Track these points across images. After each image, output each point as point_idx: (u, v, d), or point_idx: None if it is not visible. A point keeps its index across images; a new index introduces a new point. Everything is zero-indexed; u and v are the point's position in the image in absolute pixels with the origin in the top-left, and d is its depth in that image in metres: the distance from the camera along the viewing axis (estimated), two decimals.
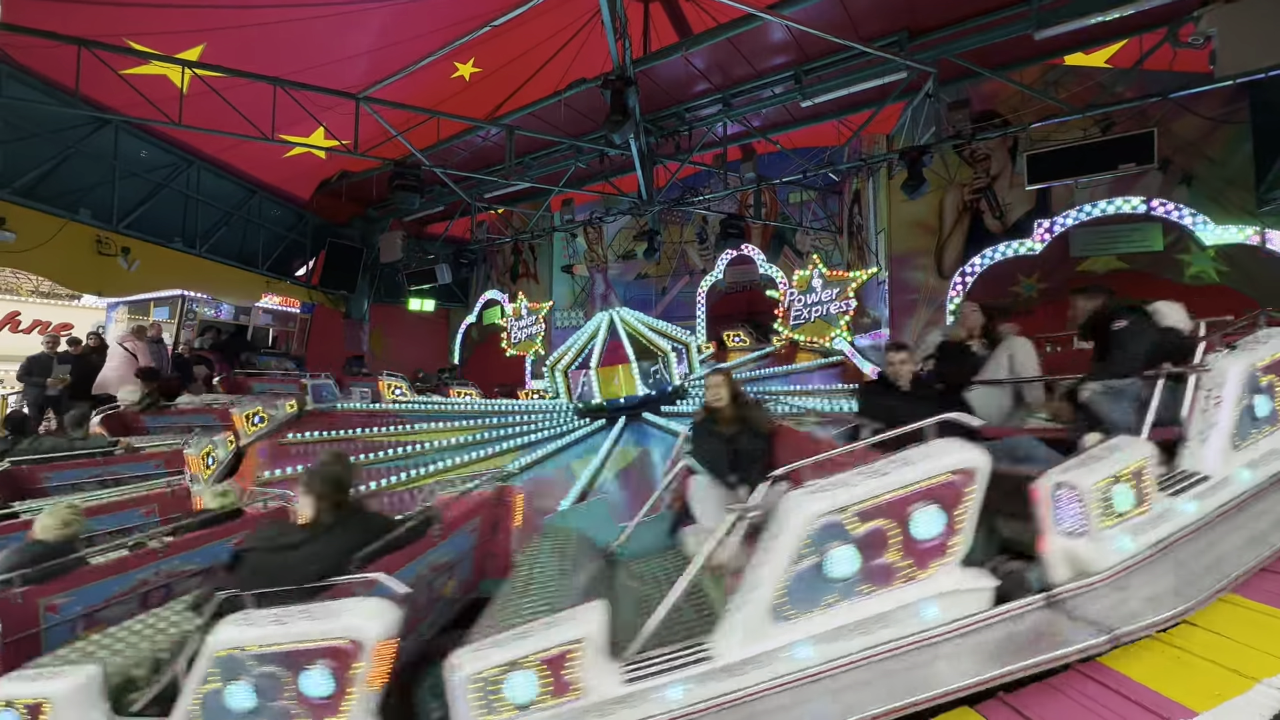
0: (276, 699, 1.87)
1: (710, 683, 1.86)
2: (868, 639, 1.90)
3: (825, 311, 10.28)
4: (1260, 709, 1.59)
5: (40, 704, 1.99)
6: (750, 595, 1.90)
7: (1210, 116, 7.73)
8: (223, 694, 1.89)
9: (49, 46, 6.56)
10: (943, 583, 1.95)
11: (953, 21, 7.54)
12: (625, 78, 6.78)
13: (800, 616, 1.90)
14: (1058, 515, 2.07)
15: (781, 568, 1.88)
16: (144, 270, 9.53)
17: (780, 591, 1.89)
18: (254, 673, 1.88)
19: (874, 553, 1.91)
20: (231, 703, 1.88)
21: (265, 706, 1.88)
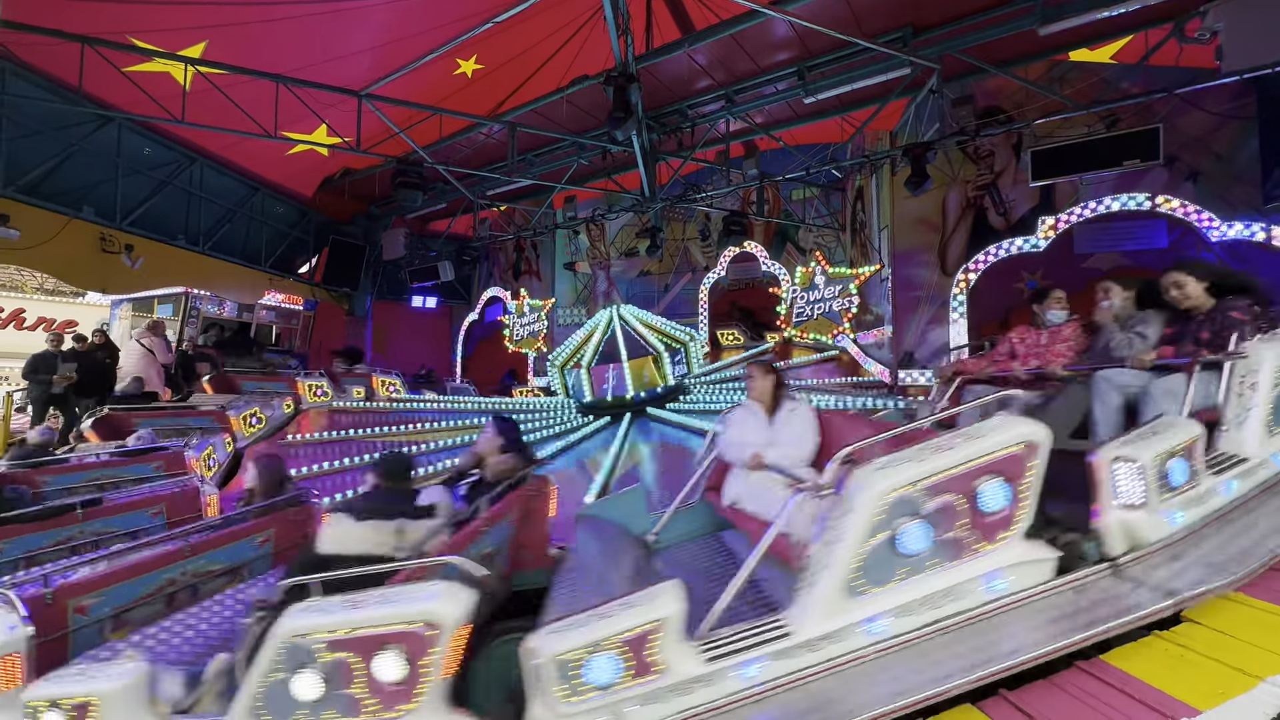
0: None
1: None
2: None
3: (828, 309, 10.27)
4: (1264, 707, 1.59)
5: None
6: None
7: (1216, 112, 7.67)
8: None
9: (52, 44, 6.57)
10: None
11: (957, 17, 7.50)
12: (628, 74, 6.76)
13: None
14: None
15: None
16: (147, 268, 9.55)
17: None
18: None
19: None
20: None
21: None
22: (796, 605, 1.97)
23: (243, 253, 11.57)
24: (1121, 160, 7.34)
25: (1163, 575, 2.01)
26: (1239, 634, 1.85)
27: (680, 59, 8.24)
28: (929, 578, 1.96)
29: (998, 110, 8.68)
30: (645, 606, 1.87)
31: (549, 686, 1.81)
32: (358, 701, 1.85)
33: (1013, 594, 1.98)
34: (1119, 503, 2.15)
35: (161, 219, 9.92)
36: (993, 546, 1.99)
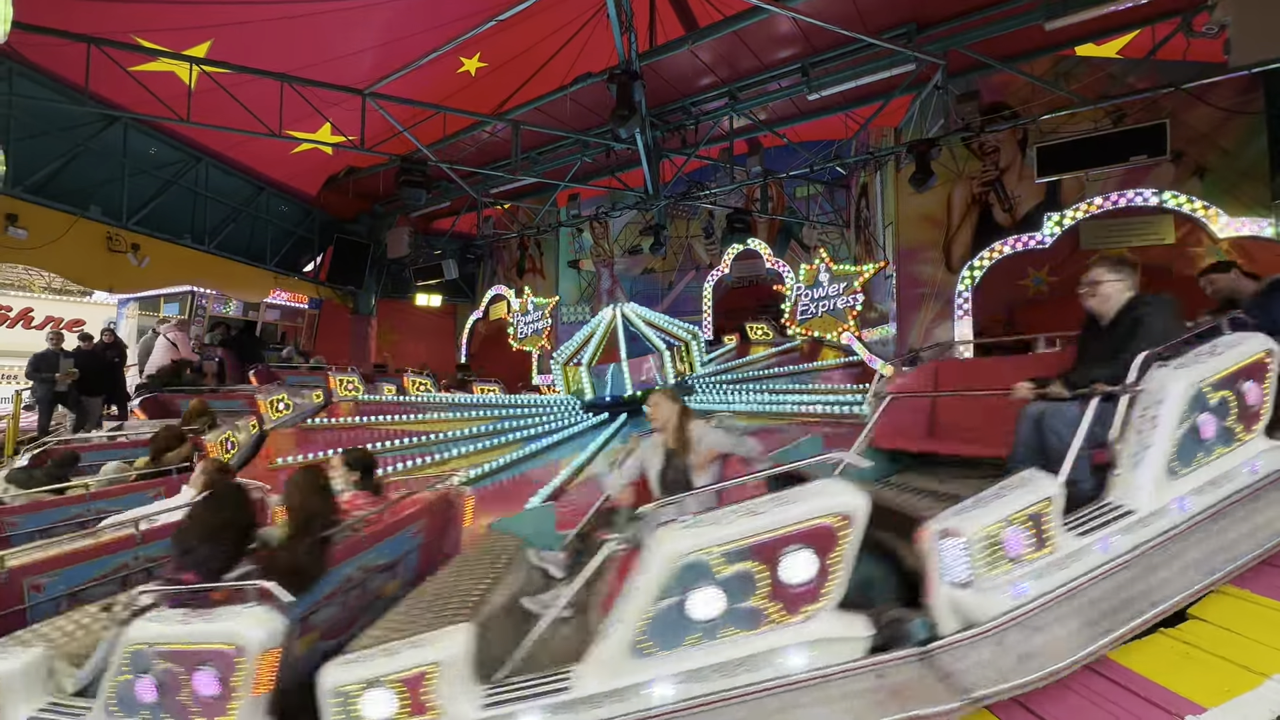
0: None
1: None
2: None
3: (832, 306, 10.24)
4: (1271, 705, 1.59)
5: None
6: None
7: (1224, 107, 7.61)
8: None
9: (59, 44, 6.61)
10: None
11: (962, 12, 7.46)
12: (631, 72, 6.75)
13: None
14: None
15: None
16: (154, 267, 9.61)
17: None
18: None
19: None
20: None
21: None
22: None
23: (248, 251, 11.62)
24: (1128, 156, 7.29)
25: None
26: (1245, 631, 1.85)
27: (684, 56, 8.22)
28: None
29: (1003, 106, 8.63)
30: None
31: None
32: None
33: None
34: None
35: (167, 218, 9.97)
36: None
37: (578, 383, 8.45)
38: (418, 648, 1.87)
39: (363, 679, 1.84)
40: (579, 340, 8.96)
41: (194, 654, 1.93)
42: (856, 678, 1.84)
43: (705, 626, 1.86)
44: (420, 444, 7.30)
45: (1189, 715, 1.60)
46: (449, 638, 1.89)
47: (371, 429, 8.10)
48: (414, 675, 1.83)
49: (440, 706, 1.83)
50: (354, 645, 2.04)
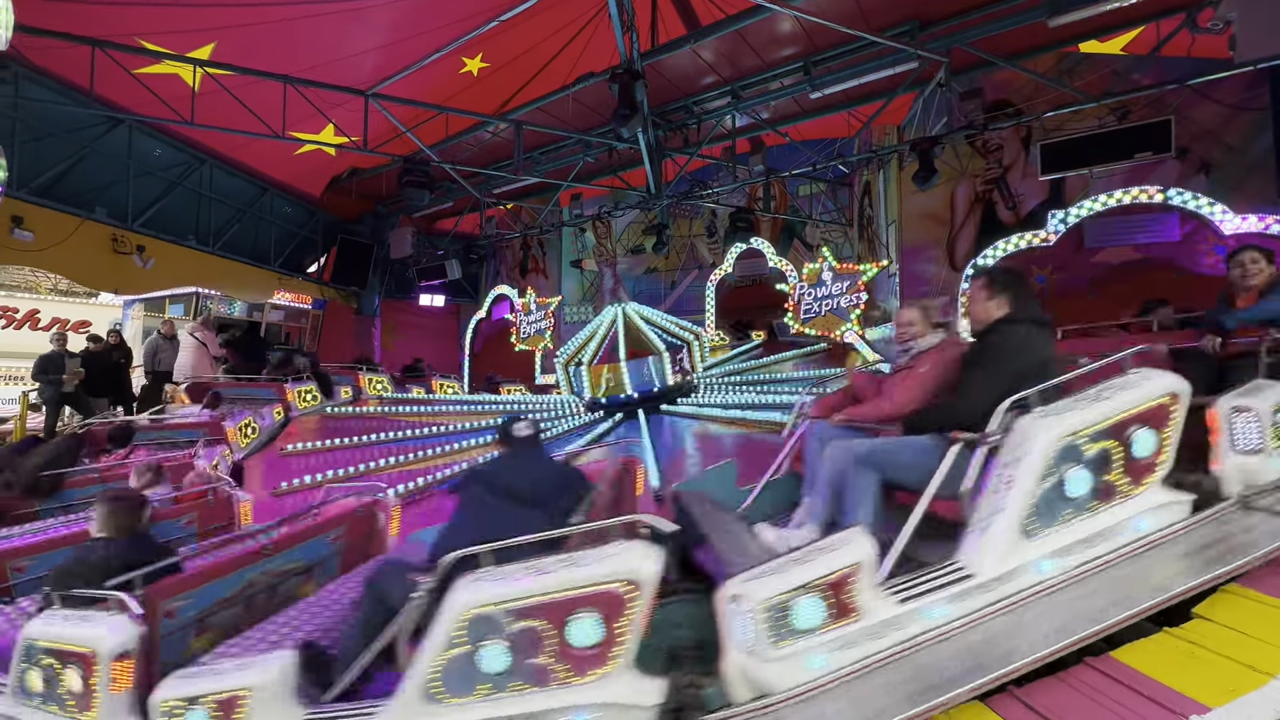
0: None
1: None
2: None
3: (836, 305, 10.20)
4: (1275, 704, 1.58)
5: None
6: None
7: (1230, 103, 7.57)
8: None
9: (63, 47, 6.65)
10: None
11: (964, 10, 7.43)
12: (633, 71, 6.75)
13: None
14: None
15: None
16: (159, 268, 9.66)
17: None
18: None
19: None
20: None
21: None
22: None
23: (252, 252, 11.66)
24: (1133, 153, 7.26)
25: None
26: (1250, 630, 1.83)
27: (686, 55, 8.22)
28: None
29: (1006, 103, 8.60)
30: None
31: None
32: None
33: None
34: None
35: (172, 220, 10.02)
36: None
37: (600, 382, 8.32)
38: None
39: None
40: (582, 340, 8.96)
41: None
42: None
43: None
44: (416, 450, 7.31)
45: (1193, 714, 1.58)
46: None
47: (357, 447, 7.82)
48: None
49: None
50: None
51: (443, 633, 1.83)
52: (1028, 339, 2.29)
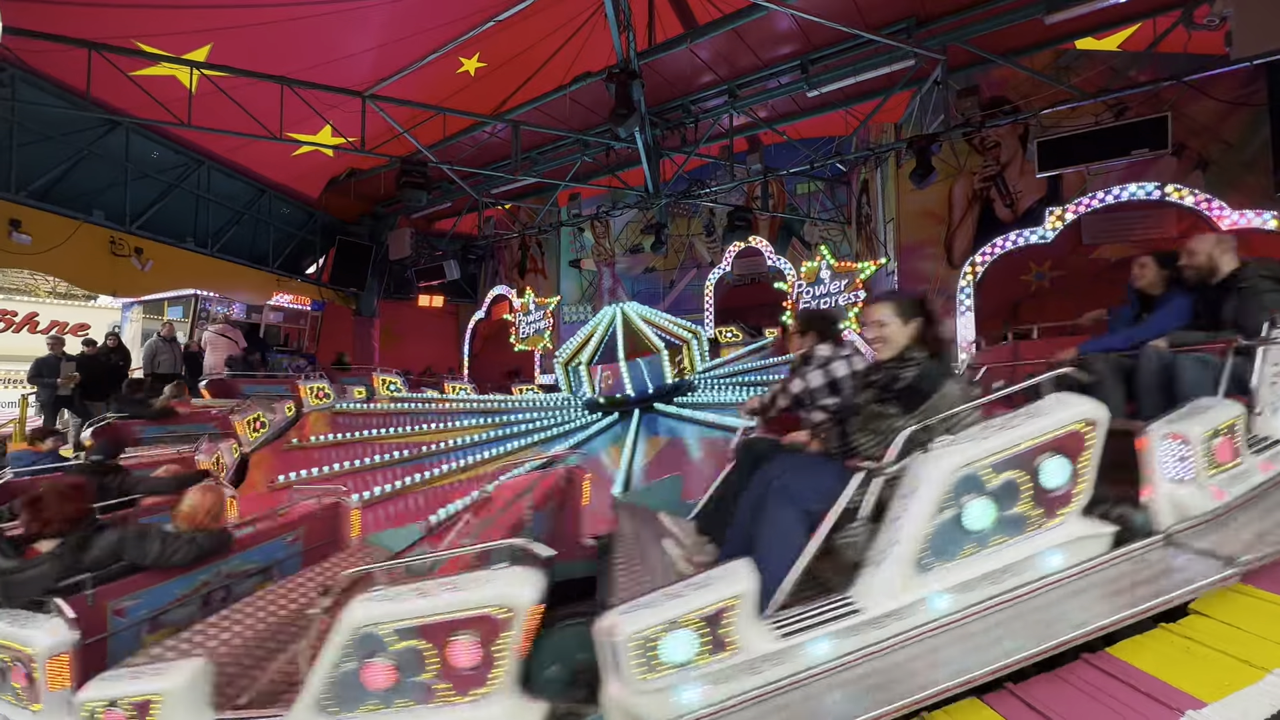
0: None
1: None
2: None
3: (834, 303, 10.22)
4: (1272, 699, 1.58)
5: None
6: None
7: (1226, 99, 7.58)
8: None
9: (60, 50, 6.64)
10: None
11: (961, 7, 7.44)
12: (630, 71, 6.75)
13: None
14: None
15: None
16: (157, 270, 9.66)
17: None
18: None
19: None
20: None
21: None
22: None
23: (250, 254, 11.66)
24: (1130, 149, 7.26)
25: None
26: (1246, 626, 1.84)
27: (683, 54, 8.22)
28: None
29: (1004, 101, 8.60)
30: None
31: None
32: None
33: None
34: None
35: (170, 222, 10.02)
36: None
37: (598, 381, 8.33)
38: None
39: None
40: (581, 340, 8.97)
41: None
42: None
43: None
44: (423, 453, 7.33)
45: (1189, 710, 1.59)
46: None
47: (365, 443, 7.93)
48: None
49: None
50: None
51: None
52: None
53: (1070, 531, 2.01)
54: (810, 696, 1.81)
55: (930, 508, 1.91)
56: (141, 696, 1.95)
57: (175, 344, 9.90)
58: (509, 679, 1.87)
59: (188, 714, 1.96)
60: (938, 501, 1.92)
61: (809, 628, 1.89)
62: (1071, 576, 1.98)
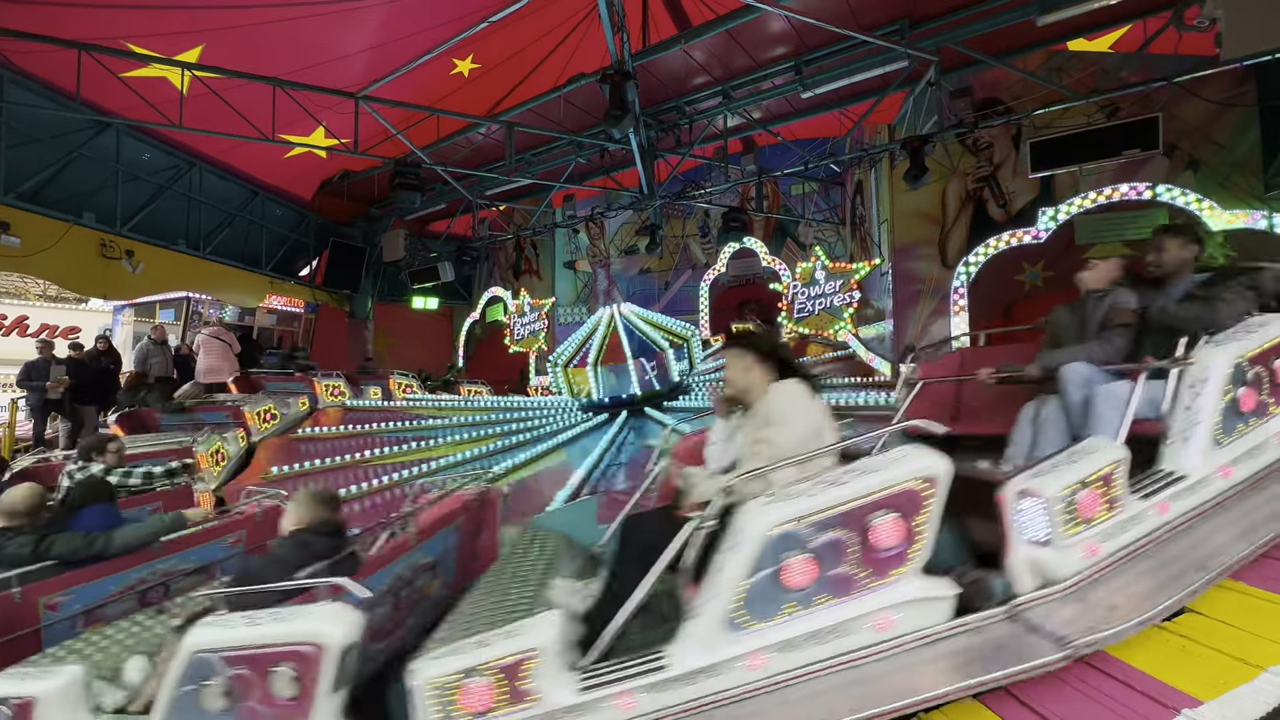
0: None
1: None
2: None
3: (829, 304, 10.24)
4: (1266, 697, 1.59)
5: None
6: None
7: (1217, 100, 7.63)
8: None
9: (49, 51, 6.58)
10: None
11: (954, 9, 7.47)
12: (624, 72, 6.75)
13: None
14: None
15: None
16: (148, 273, 9.58)
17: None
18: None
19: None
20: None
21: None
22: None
23: (243, 256, 11.59)
24: (1121, 150, 7.29)
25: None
26: (1240, 624, 1.85)
27: (677, 55, 8.22)
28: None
29: (996, 102, 8.64)
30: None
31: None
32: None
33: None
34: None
35: (162, 224, 9.94)
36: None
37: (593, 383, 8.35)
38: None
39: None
40: (576, 341, 8.95)
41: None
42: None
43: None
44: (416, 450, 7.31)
45: (1185, 709, 1.59)
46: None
47: (361, 437, 8.19)
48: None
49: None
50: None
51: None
52: None
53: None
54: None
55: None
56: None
57: (166, 347, 9.84)
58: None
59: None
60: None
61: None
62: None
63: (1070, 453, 2.13)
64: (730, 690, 1.84)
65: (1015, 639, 1.84)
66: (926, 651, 1.86)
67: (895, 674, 1.81)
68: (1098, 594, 1.93)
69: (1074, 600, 1.92)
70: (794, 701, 1.80)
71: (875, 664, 1.85)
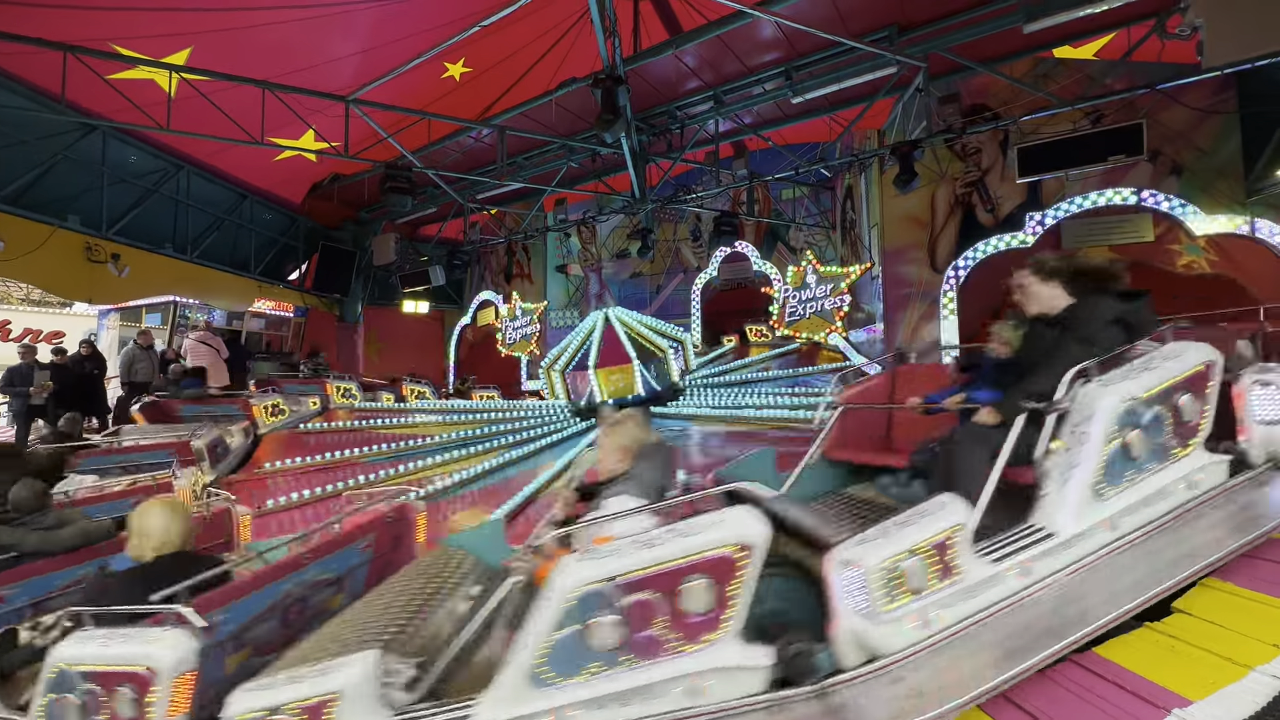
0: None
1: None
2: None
3: (820, 308, 10.29)
4: (1254, 695, 1.61)
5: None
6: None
7: (1199, 107, 7.76)
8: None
9: (34, 53, 6.50)
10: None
11: (942, 15, 7.55)
12: (615, 76, 6.76)
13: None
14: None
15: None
16: (134, 277, 9.47)
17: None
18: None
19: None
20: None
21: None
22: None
23: (231, 260, 11.49)
24: (1106, 156, 7.40)
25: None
26: (1228, 624, 1.87)
27: (668, 60, 8.25)
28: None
29: (984, 107, 8.74)
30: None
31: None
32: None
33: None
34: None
35: (148, 227, 9.83)
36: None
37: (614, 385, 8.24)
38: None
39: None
40: (568, 346, 8.92)
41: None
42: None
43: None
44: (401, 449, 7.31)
45: (1175, 708, 1.61)
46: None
47: (363, 432, 8.29)
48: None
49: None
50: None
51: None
52: None
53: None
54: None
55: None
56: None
57: (152, 351, 9.72)
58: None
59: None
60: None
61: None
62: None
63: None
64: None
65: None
66: None
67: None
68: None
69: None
70: None
71: None
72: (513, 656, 1.81)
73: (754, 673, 1.83)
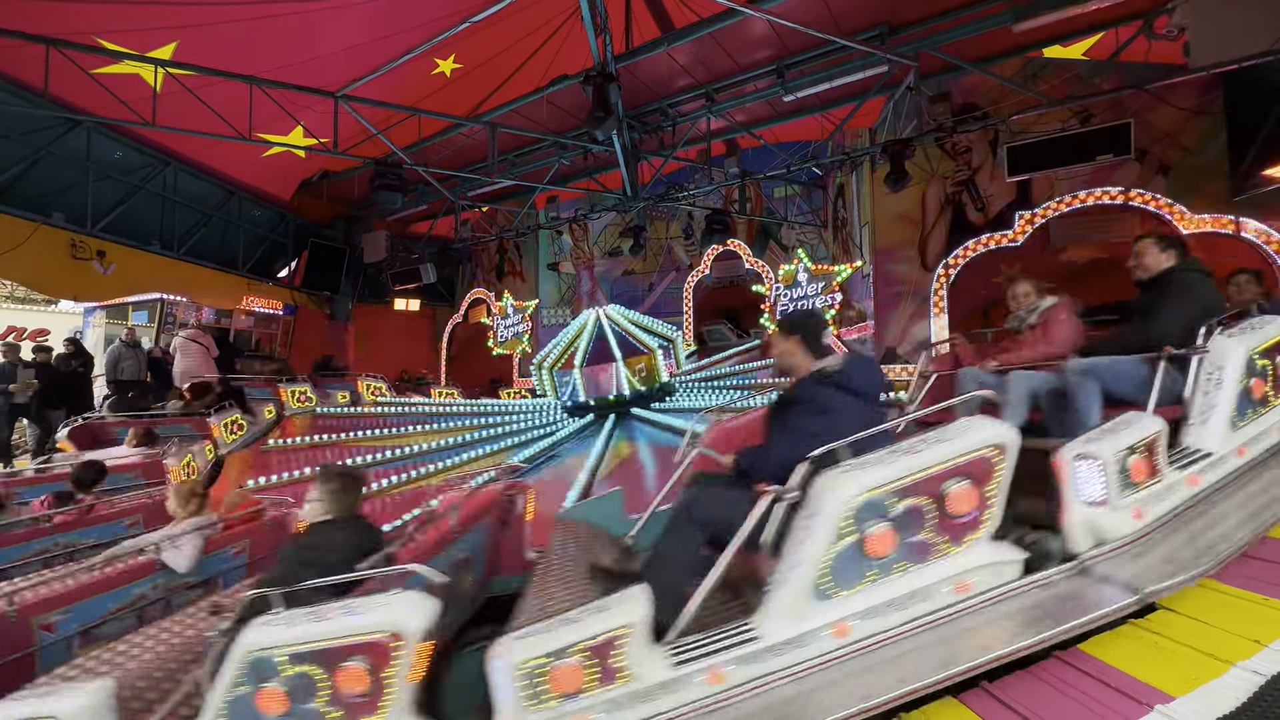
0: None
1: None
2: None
3: (811, 305, 10.31)
4: (1236, 691, 1.62)
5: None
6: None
7: (1185, 108, 7.83)
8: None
9: (15, 46, 6.40)
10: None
11: (933, 15, 7.58)
12: (607, 74, 6.74)
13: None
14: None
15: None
16: (121, 274, 9.35)
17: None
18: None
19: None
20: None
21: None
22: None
23: (219, 258, 11.37)
24: (1095, 155, 7.46)
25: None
26: (1211, 620, 1.88)
27: (660, 58, 8.23)
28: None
29: (974, 107, 8.78)
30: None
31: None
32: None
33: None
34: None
35: (135, 224, 9.71)
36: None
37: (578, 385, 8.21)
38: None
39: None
40: (560, 343, 8.90)
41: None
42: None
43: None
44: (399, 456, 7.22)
45: (1158, 704, 1.62)
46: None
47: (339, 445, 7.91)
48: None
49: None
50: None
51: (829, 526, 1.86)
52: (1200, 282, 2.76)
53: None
54: None
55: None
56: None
57: (139, 349, 9.63)
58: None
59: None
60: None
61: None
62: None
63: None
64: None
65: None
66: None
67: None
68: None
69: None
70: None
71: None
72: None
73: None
